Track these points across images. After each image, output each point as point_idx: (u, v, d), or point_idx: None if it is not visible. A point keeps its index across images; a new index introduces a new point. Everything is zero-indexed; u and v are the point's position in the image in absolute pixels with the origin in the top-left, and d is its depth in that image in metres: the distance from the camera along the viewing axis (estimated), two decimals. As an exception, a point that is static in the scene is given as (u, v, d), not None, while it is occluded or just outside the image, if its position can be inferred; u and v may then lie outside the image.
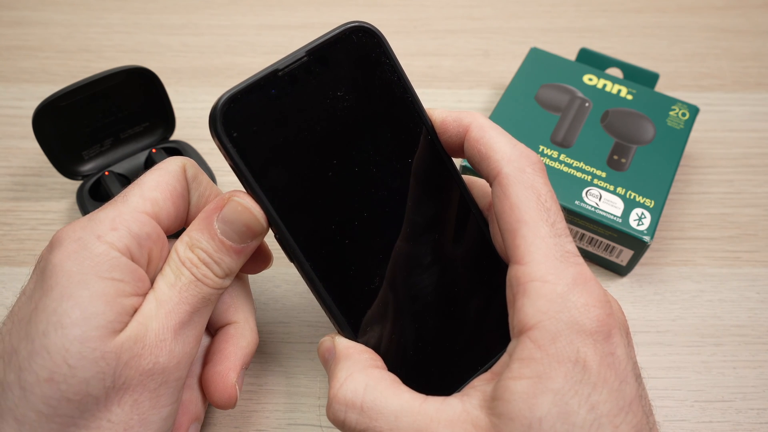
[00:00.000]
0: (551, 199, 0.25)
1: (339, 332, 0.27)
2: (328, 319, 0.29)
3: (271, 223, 0.26)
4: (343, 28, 0.26)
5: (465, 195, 0.28)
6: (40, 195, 0.40)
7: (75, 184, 0.40)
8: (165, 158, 0.38)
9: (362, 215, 0.27)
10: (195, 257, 0.26)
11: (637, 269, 0.38)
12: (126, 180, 0.38)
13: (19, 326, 0.23)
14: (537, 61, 0.44)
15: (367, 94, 0.27)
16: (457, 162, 0.39)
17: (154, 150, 0.39)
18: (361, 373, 0.25)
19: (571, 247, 0.24)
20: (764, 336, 0.35)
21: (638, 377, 0.23)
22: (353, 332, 0.27)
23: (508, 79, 0.43)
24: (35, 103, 0.35)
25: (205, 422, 0.31)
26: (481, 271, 0.29)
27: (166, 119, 0.40)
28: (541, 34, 0.52)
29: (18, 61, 0.48)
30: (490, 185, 0.26)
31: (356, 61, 0.27)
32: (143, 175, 0.27)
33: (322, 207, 0.26)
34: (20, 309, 0.24)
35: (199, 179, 0.28)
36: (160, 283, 0.25)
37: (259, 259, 0.29)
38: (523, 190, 0.25)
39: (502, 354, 0.25)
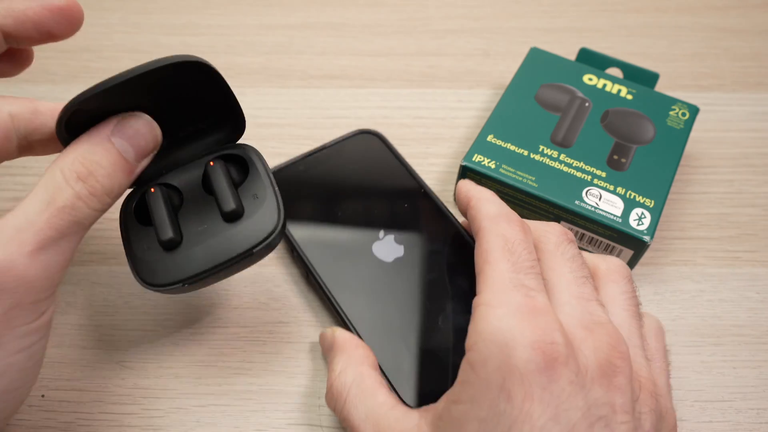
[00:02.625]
0: (521, 245, 0.27)
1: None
2: (327, 319, 0.30)
3: (299, 257, 0.35)
4: (354, 131, 0.41)
5: (467, 237, 0.35)
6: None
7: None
8: (219, 175, 0.30)
9: (370, 258, 0.35)
10: (84, 170, 0.25)
11: (637, 269, 0.38)
12: (178, 195, 0.30)
13: None
14: (537, 60, 0.44)
15: (371, 171, 0.39)
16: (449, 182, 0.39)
17: (212, 163, 0.30)
18: (353, 369, 0.28)
19: (531, 282, 0.25)
20: (764, 336, 0.35)
21: (596, 418, 0.22)
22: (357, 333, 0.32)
23: (508, 79, 0.43)
24: (35, 103, 0.35)
25: (204, 421, 0.32)
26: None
27: (234, 115, 0.31)
28: (540, 34, 0.52)
29: (18, 61, 0.48)
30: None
31: (363, 151, 0.40)
32: None
33: (334, 244, 0.36)
34: None
35: (40, 120, 0.28)
36: (28, 206, 0.24)
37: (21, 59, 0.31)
38: (493, 237, 0.27)
39: None
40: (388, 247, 0.35)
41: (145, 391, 0.32)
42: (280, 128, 0.44)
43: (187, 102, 0.29)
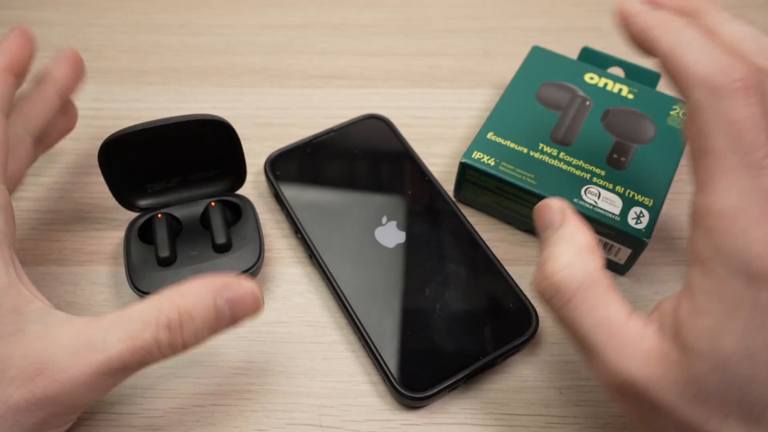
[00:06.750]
0: (749, 127, 0.22)
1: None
2: (327, 319, 0.29)
3: (298, 231, 0.37)
4: (362, 116, 0.42)
5: (468, 226, 0.37)
6: (39, 196, 0.40)
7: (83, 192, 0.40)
8: (218, 214, 0.36)
9: (372, 243, 0.37)
10: (177, 321, 0.26)
11: (638, 269, 0.38)
12: (178, 224, 0.36)
13: None
14: (539, 59, 0.44)
15: (376, 156, 0.40)
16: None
17: (213, 203, 0.36)
18: (584, 266, 0.25)
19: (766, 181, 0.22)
20: (765, 335, 0.35)
21: None
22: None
23: (508, 79, 0.43)
24: (35, 103, 0.35)
25: (204, 421, 0.32)
26: (480, 286, 0.35)
27: (238, 172, 0.37)
28: (541, 33, 0.52)
29: (18, 61, 0.48)
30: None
31: (370, 135, 0.41)
32: None
33: (335, 226, 0.37)
34: None
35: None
36: (116, 326, 0.26)
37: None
38: (711, 116, 0.22)
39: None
40: (390, 232, 0.37)
41: (144, 391, 0.32)
42: (280, 128, 0.44)
43: (204, 153, 0.36)
